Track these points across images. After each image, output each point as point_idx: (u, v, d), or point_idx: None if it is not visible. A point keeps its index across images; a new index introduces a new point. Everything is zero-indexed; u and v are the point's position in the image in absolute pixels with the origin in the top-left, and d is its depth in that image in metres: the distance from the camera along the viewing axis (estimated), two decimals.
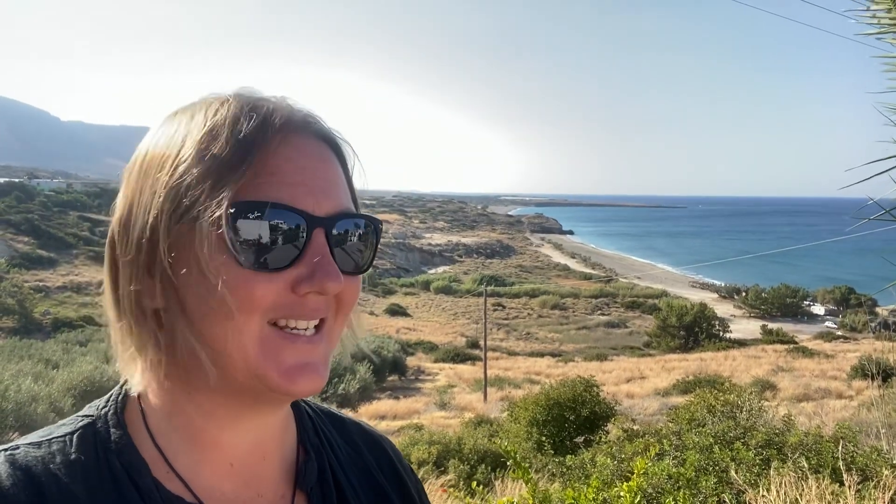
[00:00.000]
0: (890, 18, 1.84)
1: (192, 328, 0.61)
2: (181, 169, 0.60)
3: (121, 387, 0.68)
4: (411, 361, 34.48)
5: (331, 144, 0.68)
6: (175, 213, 0.60)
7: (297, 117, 0.65)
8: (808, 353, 35.42)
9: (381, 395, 23.90)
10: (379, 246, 0.72)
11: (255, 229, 0.59)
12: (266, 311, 0.61)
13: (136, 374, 0.66)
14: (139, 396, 0.67)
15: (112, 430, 0.64)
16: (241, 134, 0.61)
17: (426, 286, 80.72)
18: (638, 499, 1.79)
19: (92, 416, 0.66)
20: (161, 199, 0.61)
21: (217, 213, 0.59)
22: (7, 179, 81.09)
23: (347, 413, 0.94)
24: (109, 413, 0.66)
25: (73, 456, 0.61)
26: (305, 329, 0.63)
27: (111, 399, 0.68)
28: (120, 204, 0.65)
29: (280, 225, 0.60)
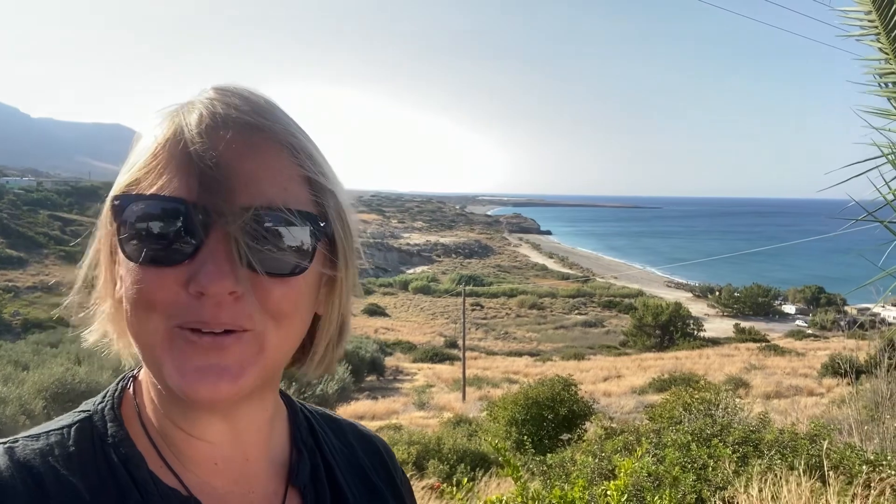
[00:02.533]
0: (869, 21, 1.87)
1: (128, 321, 0.60)
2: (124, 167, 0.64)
3: (117, 383, 0.69)
4: (390, 361, 34.40)
5: (268, 138, 0.62)
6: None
7: (222, 111, 0.61)
8: (779, 351, 36.13)
9: (359, 396, 23.78)
10: (338, 245, 0.67)
11: (142, 222, 0.58)
12: (168, 312, 0.58)
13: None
14: (135, 391, 0.67)
15: (109, 423, 0.64)
16: (160, 134, 0.61)
17: (404, 286, 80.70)
18: (625, 497, 1.80)
19: (89, 410, 0.66)
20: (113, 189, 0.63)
21: (106, 206, 0.61)
22: None
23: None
24: (106, 408, 0.66)
25: (71, 448, 0.61)
26: (212, 333, 0.58)
27: (108, 394, 0.68)
28: None
29: (169, 218, 0.58)
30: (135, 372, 0.69)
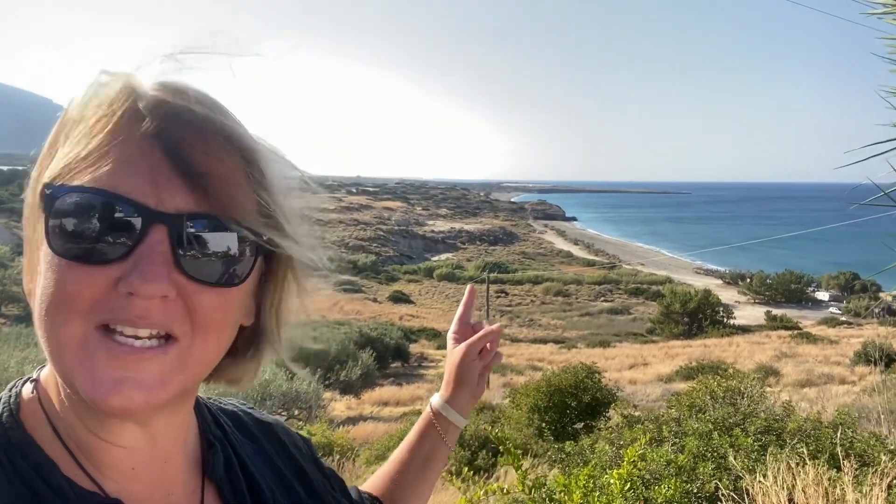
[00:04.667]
0: (892, 0, 1.80)
1: (38, 320, 0.56)
2: (49, 141, 0.61)
3: (10, 390, 0.64)
4: (414, 348, 34.56)
5: (220, 140, 0.59)
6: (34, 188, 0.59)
7: (173, 104, 0.58)
8: (811, 338, 35.42)
9: (383, 382, 23.98)
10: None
11: (74, 217, 0.54)
12: (89, 310, 0.54)
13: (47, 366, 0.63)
14: (40, 398, 0.62)
15: (10, 431, 0.60)
16: (101, 119, 0.57)
17: (429, 273, 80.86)
18: (628, 486, 1.78)
19: None
20: (36, 170, 0.60)
21: (36, 192, 0.58)
22: (10, 167, 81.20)
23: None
24: (4, 415, 0.61)
25: None
26: (136, 339, 0.55)
27: (1, 402, 0.63)
28: None
29: (107, 214, 0.54)
30: (33, 375, 0.65)
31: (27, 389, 0.64)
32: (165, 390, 0.57)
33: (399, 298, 62.74)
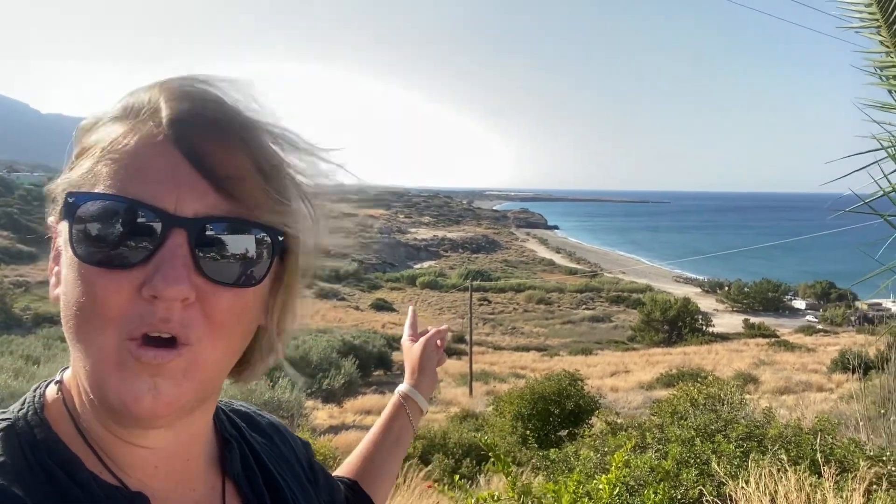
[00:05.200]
0: (870, 13, 1.85)
1: (69, 327, 0.58)
2: (75, 153, 0.63)
3: (34, 391, 0.66)
4: (397, 356, 34.40)
5: (237, 143, 0.60)
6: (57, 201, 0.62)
7: (189, 109, 0.59)
8: (789, 346, 35.94)
9: (366, 390, 23.81)
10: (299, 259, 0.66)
11: (97, 222, 0.56)
12: (120, 322, 0.56)
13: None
14: (64, 399, 0.64)
15: (35, 429, 0.61)
16: (120, 128, 0.60)
17: (412, 281, 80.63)
18: (617, 490, 1.80)
19: (10, 419, 0.63)
20: (59, 184, 0.62)
21: (59, 202, 0.61)
22: None
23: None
24: (29, 413, 0.63)
25: (0, 458, 0.58)
26: (160, 341, 0.57)
27: (27, 402, 0.65)
28: None
29: (128, 220, 0.56)
30: (57, 377, 0.67)
31: (52, 390, 0.66)
32: (189, 390, 0.59)
33: (381, 306, 62.45)
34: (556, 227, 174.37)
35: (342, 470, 1.13)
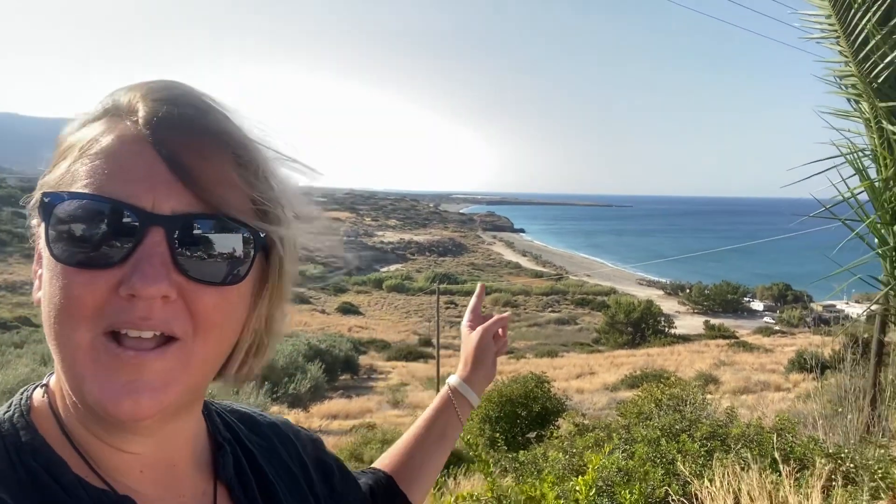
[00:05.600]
0: (829, 25, 1.91)
1: (48, 328, 0.57)
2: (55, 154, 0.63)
3: (21, 394, 0.65)
4: (364, 360, 34.24)
5: (213, 142, 0.60)
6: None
7: (166, 109, 0.59)
8: (748, 347, 36.84)
9: (332, 395, 23.61)
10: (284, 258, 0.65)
11: (73, 223, 0.56)
12: (95, 317, 0.55)
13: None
14: (50, 402, 0.63)
15: (21, 432, 0.60)
16: (96, 130, 0.60)
17: (378, 284, 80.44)
18: (593, 492, 1.82)
19: None
20: (38, 186, 0.62)
21: (34, 201, 0.60)
22: None
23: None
24: (15, 416, 0.62)
25: None
26: (141, 340, 0.56)
27: (13, 405, 0.64)
28: None
29: (105, 219, 0.55)
30: (44, 381, 0.66)
31: (38, 394, 0.65)
32: (172, 391, 0.58)
33: (348, 310, 62.14)
34: (522, 231, 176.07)
35: (379, 463, 1.08)
